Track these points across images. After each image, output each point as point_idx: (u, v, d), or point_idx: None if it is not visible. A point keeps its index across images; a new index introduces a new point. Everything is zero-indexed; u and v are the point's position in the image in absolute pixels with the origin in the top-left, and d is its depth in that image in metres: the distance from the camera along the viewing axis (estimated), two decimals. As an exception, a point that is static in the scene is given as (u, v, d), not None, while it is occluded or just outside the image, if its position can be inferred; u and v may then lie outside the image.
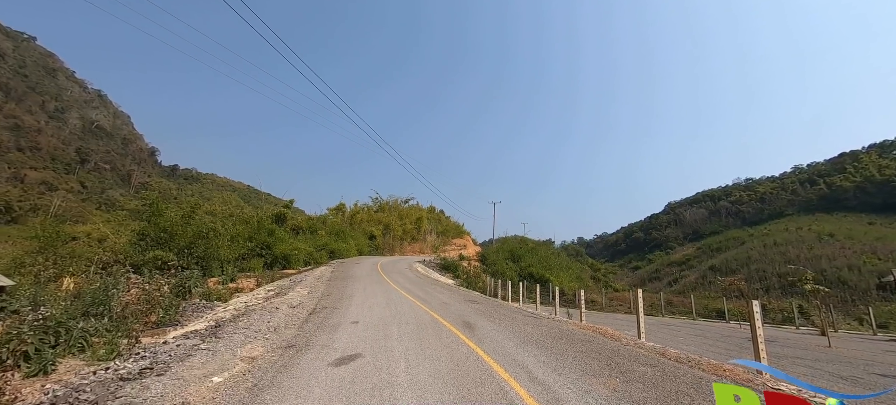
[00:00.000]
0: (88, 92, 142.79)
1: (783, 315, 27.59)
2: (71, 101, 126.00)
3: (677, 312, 31.50)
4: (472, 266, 38.17)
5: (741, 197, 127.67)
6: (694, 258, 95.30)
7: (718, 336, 16.92)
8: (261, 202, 63.77)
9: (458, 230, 68.64)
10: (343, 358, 5.22)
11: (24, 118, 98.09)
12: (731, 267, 73.98)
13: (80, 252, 19.59)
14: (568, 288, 34.71)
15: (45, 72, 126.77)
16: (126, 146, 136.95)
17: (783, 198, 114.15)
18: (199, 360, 4.92)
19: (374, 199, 64.27)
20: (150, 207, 19.99)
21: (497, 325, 8.08)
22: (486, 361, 5.17)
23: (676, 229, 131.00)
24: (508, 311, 10.76)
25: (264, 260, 25.57)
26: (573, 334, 7.57)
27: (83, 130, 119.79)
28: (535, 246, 52.97)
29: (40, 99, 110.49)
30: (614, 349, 6.23)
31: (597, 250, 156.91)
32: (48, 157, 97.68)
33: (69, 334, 6.62)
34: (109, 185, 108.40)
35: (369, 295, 12.27)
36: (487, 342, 6.39)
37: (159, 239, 19.55)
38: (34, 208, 68.45)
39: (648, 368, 5.07)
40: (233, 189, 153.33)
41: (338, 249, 36.15)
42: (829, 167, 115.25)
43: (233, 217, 27.86)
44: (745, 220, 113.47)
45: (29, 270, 15.89)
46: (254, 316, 8.10)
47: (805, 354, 11.47)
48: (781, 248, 73.52)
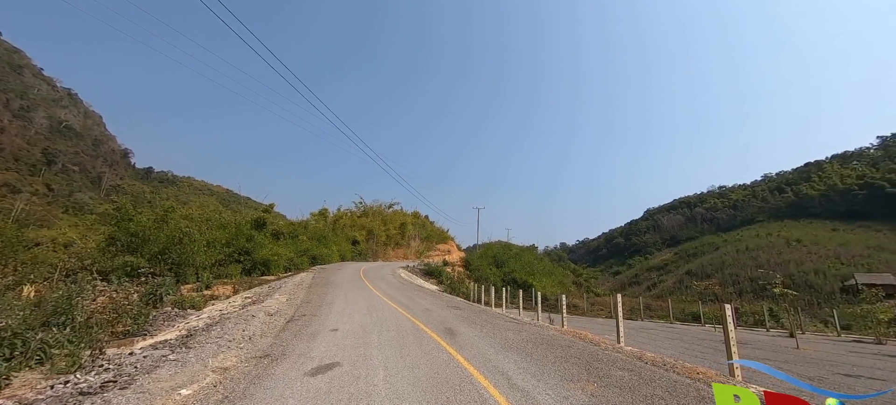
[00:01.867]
0: (57, 90, 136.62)
1: (755, 318, 28.54)
2: (38, 99, 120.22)
3: (656, 316, 32.22)
4: (457, 271, 38.13)
5: (715, 204, 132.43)
6: (672, 263, 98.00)
7: (694, 339, 17.37)
8: (240, 206, 62.16)
9: (442, 236, 68.58)
10: (320, 367, 5.09)
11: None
12: (707, 271, 76.34)
13: (44, 258, 18.60)
14: (551, 293, 35.07)
15: (10, 68, 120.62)
16: (97, 147, 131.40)
17: (754, 205, 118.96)
18: (166, 372, 4.70)
19: (358, 203, 63.60)
20: (118, 211, 19.13)
21: (479, 332, 8.06)
22: (466, 368, 5.13)
23: (655, 234, 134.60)
24: (491, 317, 10.76)
25: (243, 266, 24.87)
26: (554, 339, 7.62)
27: (51, 130, 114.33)
28: (519, 251, 53.41)
29: (4, 97, 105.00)
30: (593, 354, 6.29)
31: (579, 255, 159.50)
32: (11, 158, 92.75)
33: (26, 346, 6.22)
34: (78, 187, 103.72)
35: (350, 301, 12.06)
36: (468, 348, 6.35)
37: (130, 244, 18.74)
38: (-6, 211, 64.78)
39: (626, 373, 5.14)
40: (211, 193, 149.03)
41: (320, 255, 35.51)
42: (796, 175, 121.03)
43: (209, 221, 26.97)
44: (720, 226, 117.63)
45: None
46: (228, 324, 7.82)
47: (774, 356, 11.88)
48: (753, 253, 76.43)
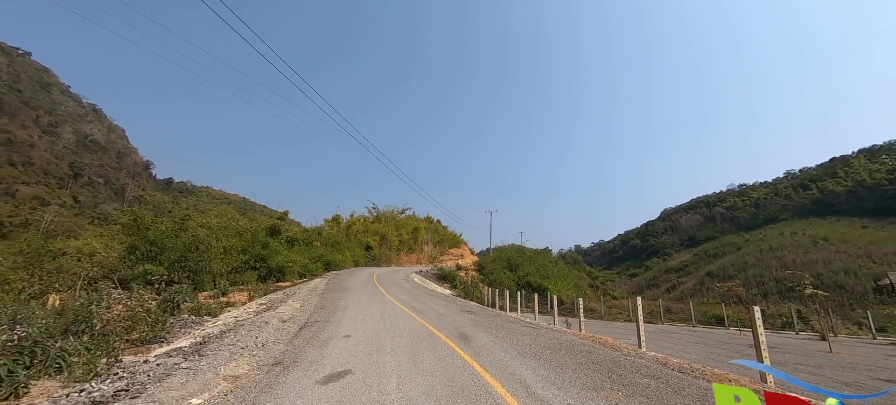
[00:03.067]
0: (83, 106, 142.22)
1: (782, 320, 27.41)
2: (65, 115, 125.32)
3: (676, 319, 31.27)
4: (470, 276, 37.83)
5: (736, 202, 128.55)
6: (691, 264, 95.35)
7: (719, 343, 16.71)
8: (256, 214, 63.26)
9: (455, 240, 68.40)
10: (332, 375, 4.97)
11: (16, 133, 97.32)
12: (729, 272, 73.96)
13: (68, 267, 19.15)
14: (566, 296, 34.44)
15: (40, 86, 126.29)
16: (120, 160, 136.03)
17: (777, 203, 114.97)
18: (178, 380, 4.66)
19: (371, 209, 64.00)
20: (134, 221, 19.65)
21: (494, 337, 7.84)
22: (482, 376, 4.94)
23: (673, 235, 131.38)
24: (506, 322, 10.52)
25: (258, 272, 25.13)
26: (572, 345, 7.35)
27: (77, 144, 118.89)
28: (533, 254, 52.78)
29: (34, 113, 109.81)
30: (615, 360, 6.02)
31: (594, 258, 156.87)
32: (41, 172, 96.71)
33: (46, 354, 6.31)
34: (103, 198, 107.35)
35: (363, 307, 11.98)
36: (484, 355, 6.15)
37: (149, 252, 19.15)
38: (25, 223, 67.37)
39: (651, 380, 4.87)
40: (228, 201, 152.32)
41: (334, 261, 35.72)
42: (821, 172, 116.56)
43: (226, 229, 27.45)
44: (740, 226, 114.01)
45: (13, 287, 15.44)
46: (241, 331, 7.81)
47: (807, 360, 11.28)
48: (777, 253, 73.74)
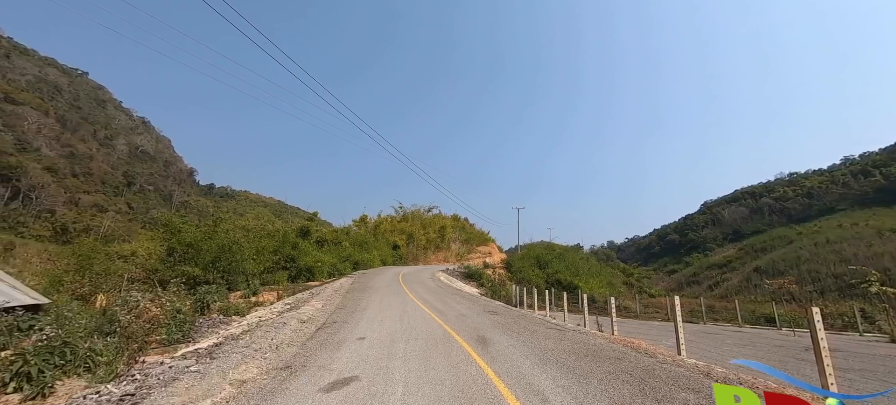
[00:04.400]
0: (134, 119, 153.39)
1: (843, 320, 24.84)
2: (118, 128, 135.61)
3: (721, 318, 29.18)
4: (497, 274, 37.21)
5: (785, 192, 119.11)
6: (736, 259, 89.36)
7: (770, 345, 15.30)
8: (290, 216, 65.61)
9: (482, 238, 67.75)
10: (337, 381, 4.74)
11: (78, 146, 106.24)
12: (779, 268, 68.65)
13: (115, 269, 20.43)
14: (599, 294, 33.09)
15: (96, 103, 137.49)
16: (167, 168, 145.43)
17: (834, 192, 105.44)
18: (184, 385, 4.59)
19: (398, 208, 64.57)
20: (166, 226, 20.72)
21: (515, 340, 7.38)
22: (495, 386, 4.54)
23: (714, 229, 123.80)
24: (529, 323, 9.99)
25: (289, 272, 25.81)
26: (601, 350, 6.77)
27: (129, 155, 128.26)
28: (563, 251, 51.28)
29: (92, 128, 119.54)
30: (649, 368, 5.42)
31: (629, 254, 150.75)
32: (99, 181, 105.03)
33: (75, 354, 6.53)
34: (153, 204, 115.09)
35: (384, 307, 11.84)
36: (501, 361, 5.74)
37: (186, 254, 20.06)
38: (87, 229, 73.41)
39: (691, 394, 4.28)
40: (264, 204, 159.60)
41: (361, 260, 36.23)
42: (886, 156, 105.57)
43: (257, 231, 28.42)
44: (792, 218, 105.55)
45: (66, 288, 16.60)
46: (259, 332, 7.82)
47: (876, 366, 9.97)
48: (836, 247, 67.51)
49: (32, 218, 74.65)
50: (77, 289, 16.56)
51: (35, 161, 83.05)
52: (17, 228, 69.28)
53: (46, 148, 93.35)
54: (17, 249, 53.59)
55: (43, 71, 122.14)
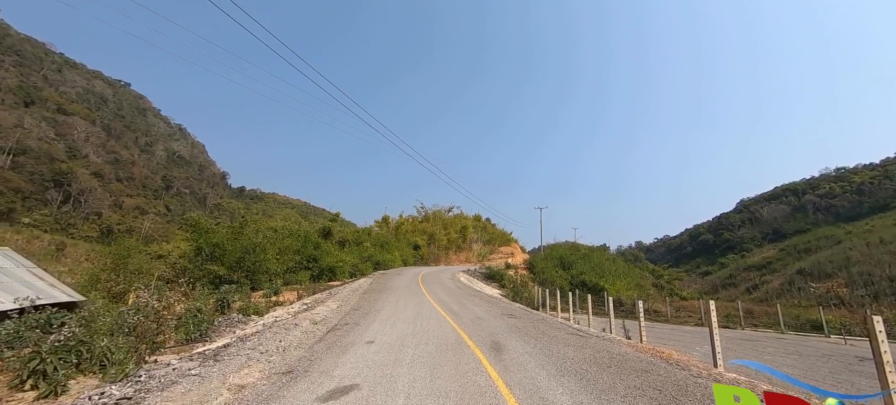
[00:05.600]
0: (171, 127, 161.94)
1: (904, 328, 22.57)
2: (157, 135, 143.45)
3: (760, 324, 27.25)
4: (519, 275, 36.42)
5: (832, 189, 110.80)
6: (776, 261, 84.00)
7: (818, 354, 14.01)
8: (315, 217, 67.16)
9: (505, 238, 66.85)
10: (336, 389, 4.48)
11: (121, 153, 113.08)
12: (826, 270, 63.84)
13: (148, 268, 21.32)
14: (626, 296, 31.74)
15: (138, 112, 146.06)
16: (202, 172, 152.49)
17: (888, 187, 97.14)
18: (181, 389, 4.47)
19: (419, 209, 64.70)
20: (193, 227, 21.30)
21: (531, 347, 6.92)
22: (505, 399, 4.14)
23: (752, 228, 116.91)
24: (549, 327, 9.46)
25: (311, 272, 26.14)
26: (626, 359, 6.21)
27: (167, 160, 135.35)
28: (588, 252, 49.75)
29: (134, 135, 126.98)
30: (680, 383, 4.85)
31: (658, 255, 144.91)
32: (140, 185, 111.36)
33: (91, 352, 6.62)
34: (189, 206, 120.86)
35: (399, 308, 11.60)
36: (514, 370, 5.31)
37: (213, 254, 20.63)
38: (129, 230, 77.88)
39: (729, 416, 3.72)
40: (291, 206, 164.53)
41: (383, 260, 36.36)
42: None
43: (281, 231, 29.00)
44: (839, 216, 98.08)
45: (102, 286, 17.39)
46: (270, 333, 7.73)
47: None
48: (892, 247, 62.05)
49: (81, 220, 79.95)
50: (112, 287, 17.30)
51: (83, 167, 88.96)
52: (68, 230, 74.35)
53: (94, 155, 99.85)
54: (68, 249, 57.56)
55: (90, 83, 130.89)
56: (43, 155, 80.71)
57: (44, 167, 78.96)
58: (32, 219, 67.94)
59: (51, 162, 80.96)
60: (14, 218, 65.04)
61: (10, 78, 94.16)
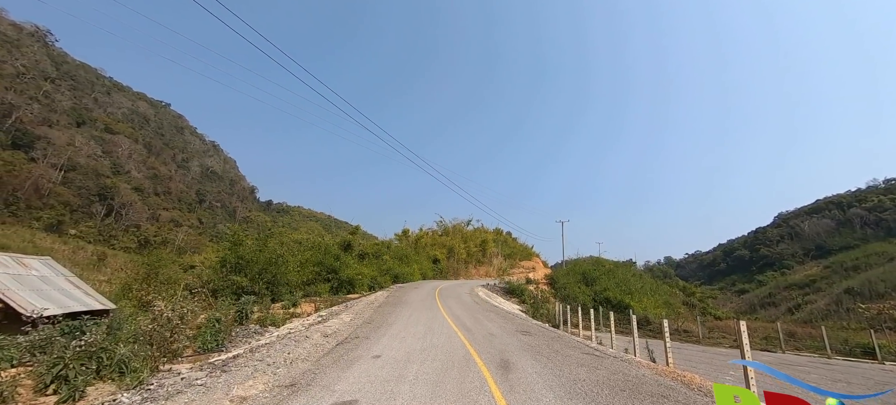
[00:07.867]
0: (205, 143, 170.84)
1: (972, 356, 20.33)
2: (193, 151, 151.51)
3: (803, 347, 25.27)
4: (540, 290, 35.56)
5: (882, 202, 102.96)
6: (821, 279, 78.41)
7: (869, 383, 12.79)
8: (337, 229, 68.58)
9: (526, 252, 65.78)
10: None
11: (160, 169, 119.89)
12: (877, 289, 59.03)
13: (176, 278, 22.20)
14: (654, 314, 30.29)
15: (176, 130, 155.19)
16: (232, 186, 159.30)
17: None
18: (184, 399, 4.54)
19: (439, 222, 64.75)
20: (230, 239, 21.98)
21: (541, 367, 6.64)
22: (505, 422, 3.95)
23: (792, 244, 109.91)
24: (563, 346, 9.09)
25: (331, 284, 26.47)
26: (642, 383, 5.84)
27: (201, 175, 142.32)
28: (613, 267, 48.07)
29: (172, 152, 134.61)
30: (698, 410, 4.50)
31: (689, 271, 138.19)
32: (176, 199, 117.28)
33: (110, 359, 6.87)
34: (220, 220, 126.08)
35: (411, 323, 11.49)
36: (520, 391, 5.10)
37: (237, 265, 21.27)
38: (165, 242, 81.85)
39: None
40: (315, 218, 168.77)
41: (402, 273, 36.41)
42: None
43: (302, 243, 29.64)
44: (891, 231, 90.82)
45: (133, 295, 18.21)
46: (281, 345, 7.80)
47: None
48: (955, 265, 56.87)
49: (122, 232, 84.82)
50: (144, 296, 18.09)
51: (126, 182, 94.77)
52: (110, 241, 79.01)
53: (135, 170, 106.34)
54: (108, 259, 61.14)
55: (134, 104, 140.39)
56: (90, 171, 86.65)
57: (90, 182, 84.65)
58: (78, 231, 72.58)
59: (97, 177, 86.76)
60: (62, 229, 69.72)
61: (65, 100, 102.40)
